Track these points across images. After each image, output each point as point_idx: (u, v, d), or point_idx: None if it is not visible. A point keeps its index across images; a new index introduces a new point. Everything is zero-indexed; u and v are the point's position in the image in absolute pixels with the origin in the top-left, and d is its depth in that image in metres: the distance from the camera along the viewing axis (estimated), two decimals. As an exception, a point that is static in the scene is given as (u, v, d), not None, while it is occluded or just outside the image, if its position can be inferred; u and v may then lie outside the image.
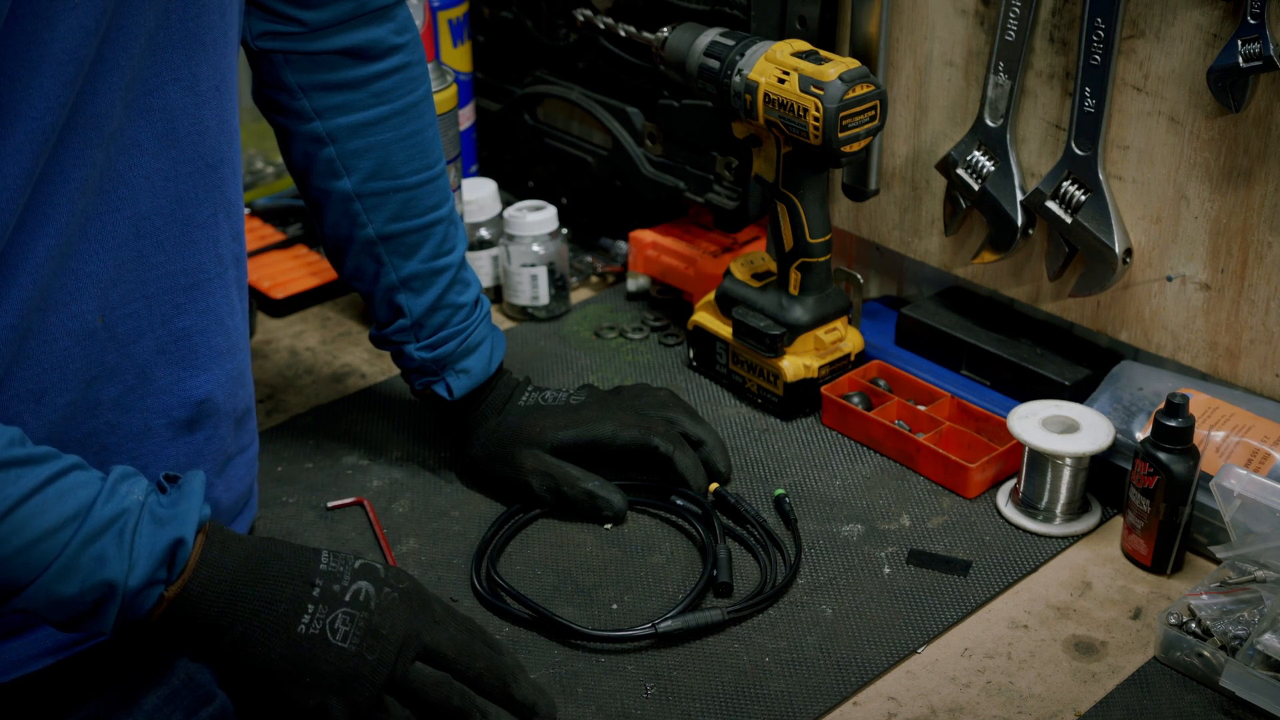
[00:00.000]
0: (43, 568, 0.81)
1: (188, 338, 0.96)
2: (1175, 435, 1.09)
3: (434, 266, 1.18)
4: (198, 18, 0.91)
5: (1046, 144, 1.26)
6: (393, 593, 0.93)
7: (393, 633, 0.91)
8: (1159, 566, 1.13)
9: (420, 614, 0.93)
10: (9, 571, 0.80)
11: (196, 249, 0.95)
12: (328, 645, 0.89)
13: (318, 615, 0.90)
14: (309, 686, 0.89)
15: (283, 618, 0.89)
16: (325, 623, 0.89)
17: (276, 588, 0.89)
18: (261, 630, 0.88)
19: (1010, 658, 1.05)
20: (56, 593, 0.82)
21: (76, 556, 0.81)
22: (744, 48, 1.27)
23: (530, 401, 1.24)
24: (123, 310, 0.92)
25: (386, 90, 1.13)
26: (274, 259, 1.61)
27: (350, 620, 0.90)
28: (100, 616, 0.84)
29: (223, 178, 0.97)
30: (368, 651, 0.90)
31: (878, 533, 1.18)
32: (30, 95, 0.81)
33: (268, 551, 0.91)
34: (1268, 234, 1.14)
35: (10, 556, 0.80)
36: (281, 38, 1.09)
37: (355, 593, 0.91)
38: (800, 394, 1.32)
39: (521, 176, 1.72)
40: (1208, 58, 1.12)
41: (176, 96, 0.91)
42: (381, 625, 0.91)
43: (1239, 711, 1.00)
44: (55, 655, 0.95)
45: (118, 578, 0.83)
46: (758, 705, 1.01)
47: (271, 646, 0.88)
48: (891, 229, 1.41)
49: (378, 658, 0.90)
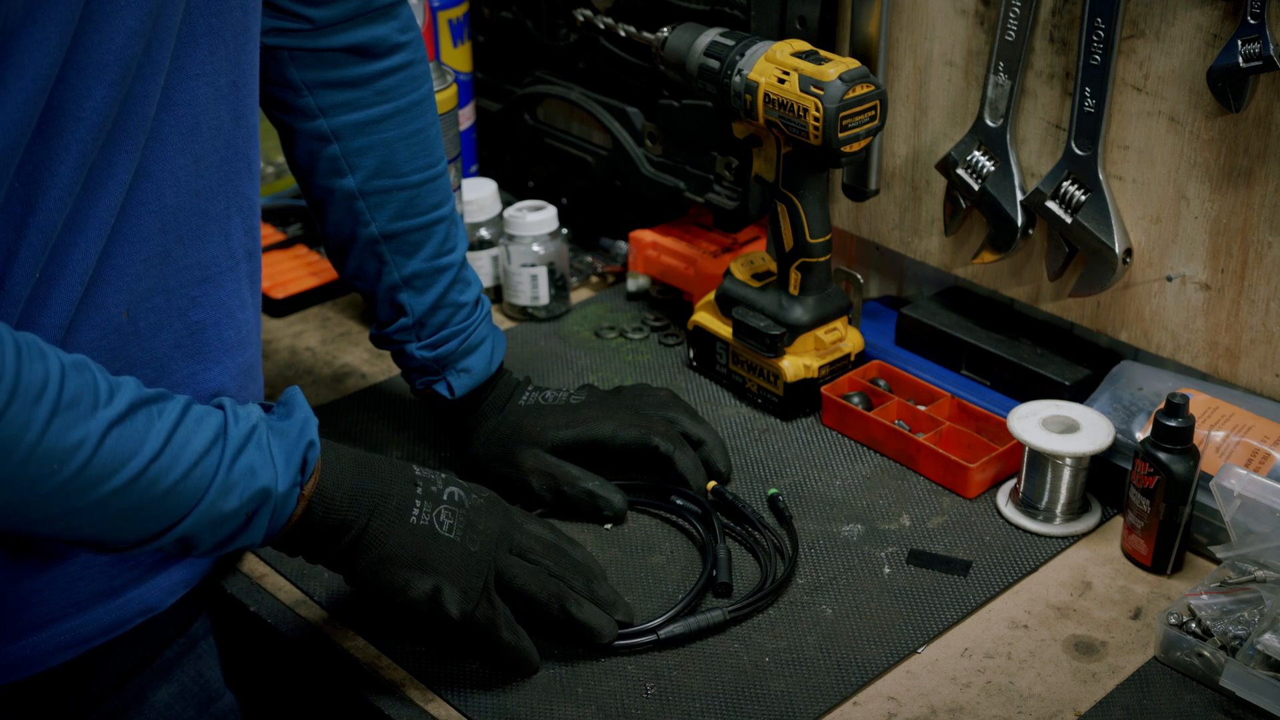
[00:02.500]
0: (204, 489, 0.86)
1: (201, 331, 0.97)
2: (1175, 435, 1.09)
3: (436, 265, 1.18)
4: (220, 14, 0.92)
5: (1046, 144, 1.26)
6: (479, 497, 1.02)
7: (488, 528, 1.00)
8: (1159, 566, 1.13)
9: (506, 516, 1.03)
10: (175, 500, 0.85)
11: (210, 242, 0.96)
12: (436, 535, 0.98)
13: (424, 510, 0.98)
14: (426, 572, 0.97)
15: (397, 510, 0.97)
16: (432, 516, 0.98)
17: (388, 485, 0.97)
18: (381, 522, 0.96)
19: (1010, 658, 1.06)
20: (219, 510, 0.87)
21: (230, 471, 0.87)
22: (744, 48, 1.27)
23: (530, 401, 1.24)
24: (145, 304, 0.93)
25: (390, 88, 1.14)
26: (274, 259, 1.61)
27: (452, 515, 0.99)
28: (252, 527, 0.90)
29: (237, 172, 0.97)
30: (470, 543, 0.99)
31: (878, 533, 1.18)
32: (82, 99, 0.83)
33: (369, 456, 0.99)
34: (1268, 234, 1.14)
35: (175, 484, 0.84)
36: (287, 34, 1.09)
37: (450, 494, 1.00)
38: (800, 394, 1.32)
39: (521, 176, 1.72)
40: (1208, 58, 1.12)
41: (200, 91, 0.92)
42: (478, 521, 1.00)
43: (1239, 711, 1.00)
44: (70, 651, 0.96)
45: (270, 484, 0.89)
46: (758, 705, 1.01)
47: (390, 536, 0.96)
48: (891, 229, 1.41)
49: (480, 549, 0.99)
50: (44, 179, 0.84)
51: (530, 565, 1.02)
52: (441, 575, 0.97)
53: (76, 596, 0.95)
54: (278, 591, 1.13)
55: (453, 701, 1.02)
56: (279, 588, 1.13)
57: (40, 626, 0.94)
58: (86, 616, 0.96)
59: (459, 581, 0.98)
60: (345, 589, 1.12)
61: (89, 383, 0.81)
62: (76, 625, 0.95)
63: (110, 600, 0.97)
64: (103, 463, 0.80)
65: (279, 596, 1.13)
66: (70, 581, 0.94)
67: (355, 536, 0.95)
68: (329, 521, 0.94)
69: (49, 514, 0.81)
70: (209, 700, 1.10)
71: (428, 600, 0.97)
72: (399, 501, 0.97)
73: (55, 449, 0.78)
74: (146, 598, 1.00)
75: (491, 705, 1.01)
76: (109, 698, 1.03)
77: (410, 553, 0.97)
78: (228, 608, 1.14)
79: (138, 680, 1.05)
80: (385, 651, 1.06)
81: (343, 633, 1.09)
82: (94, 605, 0.96)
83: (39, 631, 0.94)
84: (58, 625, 0.94)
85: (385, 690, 1.03)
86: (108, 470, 0.81)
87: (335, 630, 1.09)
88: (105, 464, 0.80)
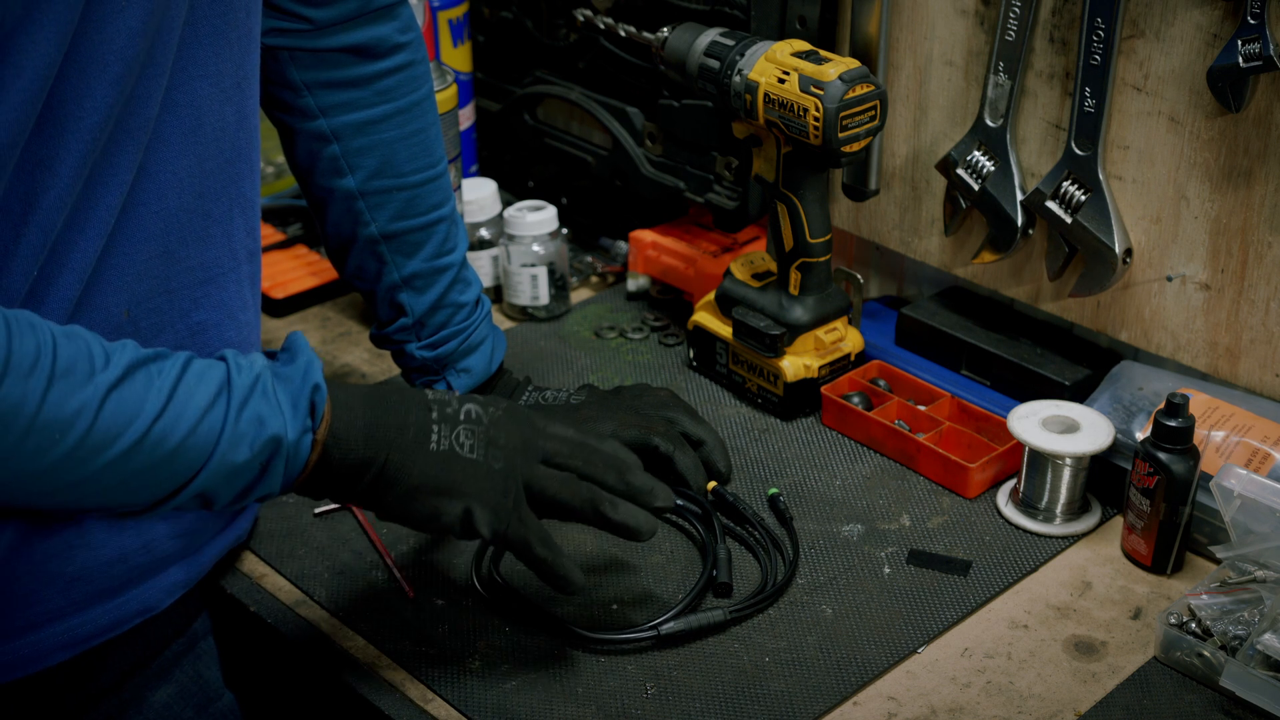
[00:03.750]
0: (213, 443, 0.85)
1: (203, 332, 0.97)
2: (1175, 435, 1.09)
3: (436, 265, 1.18)
4: (224, 14, 0.92)
5: (1046, 144, 1.26)
6: (496, 411, 0.99)
7: (509, 441, 0.97)
8: (1159, 566, 1.13)
9: (527, 424, 1.00)
10: (184, 457, 0.84)
11: (213, 243, 0.96)
12: (458, 457, 0.95)
13: (443, 434, 0.96)
14: (453, 496, 0.95)
15: (415, 440, 0.94)
16: (450, 439, 0.95)
17: (403, 415, 0.95)
18: (400, 454, 0.94)
19: (1010, 658, 1.06)
20: (230, 462, 0.86)
21: (237, 423, 0.86)
22: (744, 48, 1.27)
23: (530, 401, 1.24)
24: (147, 305, 0.93)
25: (390, 88, 1.14)
26: (274, 259, 1.61)
27: (471, 434, 0.96)
28: (269, 477, 0.88)
29: (240, 173, 0.97)
30: (494, 460, 0.96)
31: (877, 533, 1.18)
32: (82, 98, 0.83)
33: (381, 389, 0.96)
34: (1268, 234, 1.14)
35: (181, 441, 0.83)
36: (288, 35, 1.09)
37: (466, 413, 0.97)
38: (800, 394, 1.32)
39: (521, 176, 1.72)
40: (1208, 58, 1.12)
41: (203, 92, 0.92)
42: (498, 436, 0.97)
43: (1239, 711, 1.00)
44: (68, 651, 0.96)
45: (280, 431, 0.87)
46: (758, 705, 1.01)
47: (412, 466, 0.94)
48: (891, 229, 1.41)
49: (504, 466, 0.96)
50: (44, 177, 0.84)
51: (559, 473, 0.99)
52: (470, 497, 0.95)
53: (75, 596, 0.95)
54: (278, 591, 1.13)
55: (453, 701, 1.02)
56: (279, 588, 1.13)
57: (38, 626, 0.93)
58: (85, 616, 0.96)
59: (488, 501, 0.95)
60: (345, 589, 1.12)
61: (83, 350, 0.80)
62: (75, 625, 0.95)
63: (109, 600, 0.97)
64: (105, 428, 0.80)
65: (279, 596, 1.13)
66: (69, 581, 0.94)
67: (377, 472, 0.93)
68: (347, 462, 0.92)
69: (57, 485, 0.80)
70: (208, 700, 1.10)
71: (460, 524, 0.96)
72: (416, 430, 0.95)
73: (55, 419, 0.78)
74: (145, 598, 1.00)
75: (491, 705, 1.01)
76: (108, 697, 1.03)
77: (435, 480, 0.95)
78: (228, 608, 1.14)
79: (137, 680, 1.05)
80: (385, 651, 1.06)
81: (343, 633, 1.09)
82: (92, 605, 0.96)
83: (37, 631, 0.94)
84: (56, 625, 0.94)
85: (385, 690, 1.04)
86: (111, 435, 0.80)
87: (335, 630, 1.09)
88: (107, 429, 0.80)
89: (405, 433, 0.94)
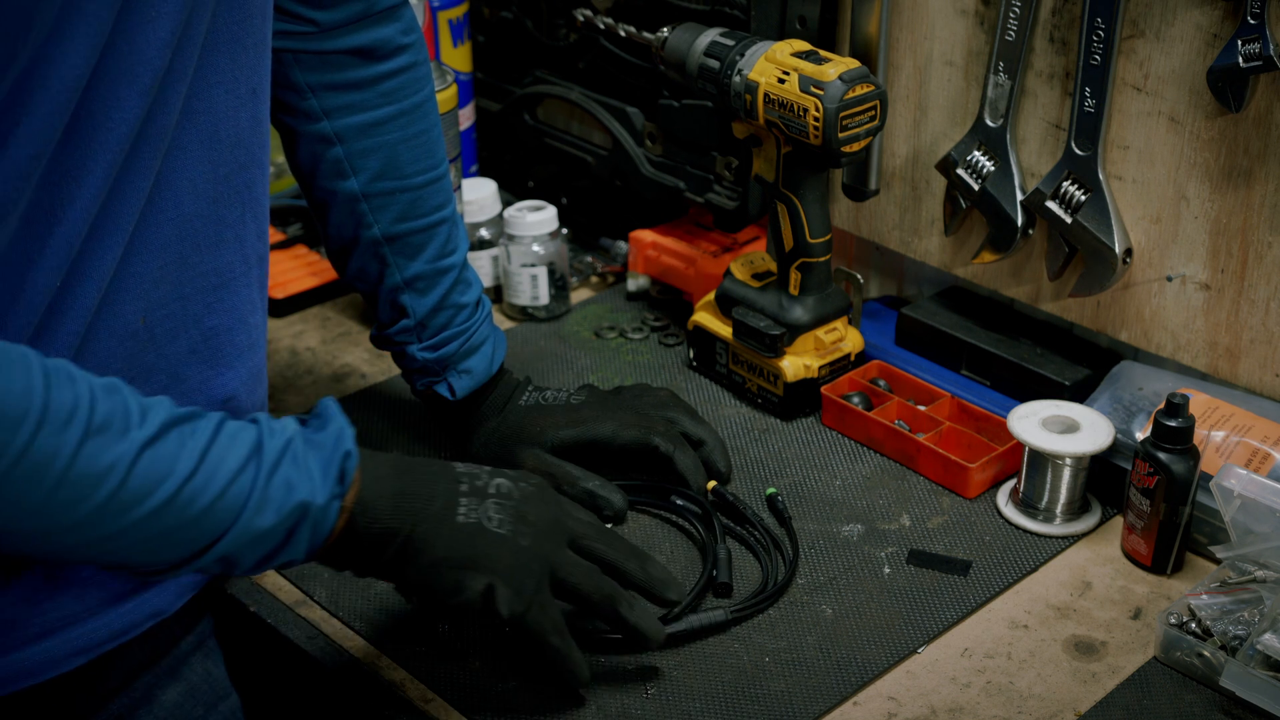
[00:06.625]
0: (240, 507, 0.84)
1: (215, 336, 0.97)
2: (1175, 435, 1.09)
3: (438, 267, 1.18)
4: (243, 21, 0.92)
5: (1046, 144, 1.26)
6: (528, 486, 0.99)
7: (540, 519, 0.97)
8: (1159, 566, 1.13)
9: (556, 504, 1.00)
10: (211, 519, 0.83)
11: (226, 249, 0.96)
12: (485, 531, 0.94)
13: (471, 506, 0.95)
14: (478, 570, 0.94)
15: (442, 512, 0.94)
16: (480, 513, 0.95)
17: (431, 486, 0.94)
18: (426, 526, 0.93)
19: (1010, 658, 1.06)
20: (256, 528, 0.85)
21: (266, 488, 0.85)
22: (744, 48, 1.27)
23: (531, 401, 1.24)
24: (161, 311, 0.93)
25: (394, 90, 1.14)
26: (274, 259, 1.61)
27: (501, 509, 0.96)
28: (293, 543, 0.87)
29: (253, 178, 0.97)
30: (521, 537, 0.95)
31: (877, 533, 1.18)
32: (110, 109, 0.83)
33: (408, 460, 0.96)
34: (1268, 234, 1.14)
35: (211, 504, 0.83)
36: (292, 37, 1.09)
37: (497, 487, 0.97)
38: (800, 394, 1.32)
39: (521, 176, 1.72)
40: (1208, 58, 1.12)
41: (220, 100, 0.92)
42: (529, 512, 0.97)
43: (1239, 711, 1.00)
44: (83, 657, 0.96)
45: (308, 497, 0.86)
46: (758, 705, 1.01)
47: (438, 538, 0.93)
48: (891, 229, 1.41)
49: (531, 542, 0.95)
50: (70, 189, 0.83)
51: (585, 563, 0.98)
52: (494, 573, 0.94)
53: (88, 602, 0.94)
54: (278, 591, 1.13)
55: (453, 701, 1.02)
56: (279, 588, 1.14)
57: (53, 632, 0.93)
58: (98, 621, 0.95)
59: (511, 579, 0.94)
60: (345, 589, 1.12)
61: (120, 405, 0.80)
62: (89, 630, 0.95)
63: (121, 604, 0.97)
64: (136, 485, 0.79)
65: (279, 596, 1.13)
66: (82, 587, 0.94)
67: (402, 543, 0.92)
68: (373, 530, 0.91)
69: (83, 540, 0.79)
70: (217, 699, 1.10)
71: (481, 599, 0.94)
72: (444, 502, 0.94)
73: (87, 474, 0.77)
74: (156, 601, 1.00)
75: (491, 705, 1.01)
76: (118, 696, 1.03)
77: (460, 553, 0.93)
78: (228, 608, 1.14)
79: (147, 678, 1.05)
80: (385, 651, 1.06)
81: (343, 633, 1.09)
82: (105, 610, 0.96)
83: (51, 637, 0.93)
84: (70, 630, 0.94)
85: (385, 690, 1.04)
86: (142, 492, 0.79)
87: (335, 630, 1.09)
88: (139, 486, 0.79)
89: (433, 503, 0.93)
